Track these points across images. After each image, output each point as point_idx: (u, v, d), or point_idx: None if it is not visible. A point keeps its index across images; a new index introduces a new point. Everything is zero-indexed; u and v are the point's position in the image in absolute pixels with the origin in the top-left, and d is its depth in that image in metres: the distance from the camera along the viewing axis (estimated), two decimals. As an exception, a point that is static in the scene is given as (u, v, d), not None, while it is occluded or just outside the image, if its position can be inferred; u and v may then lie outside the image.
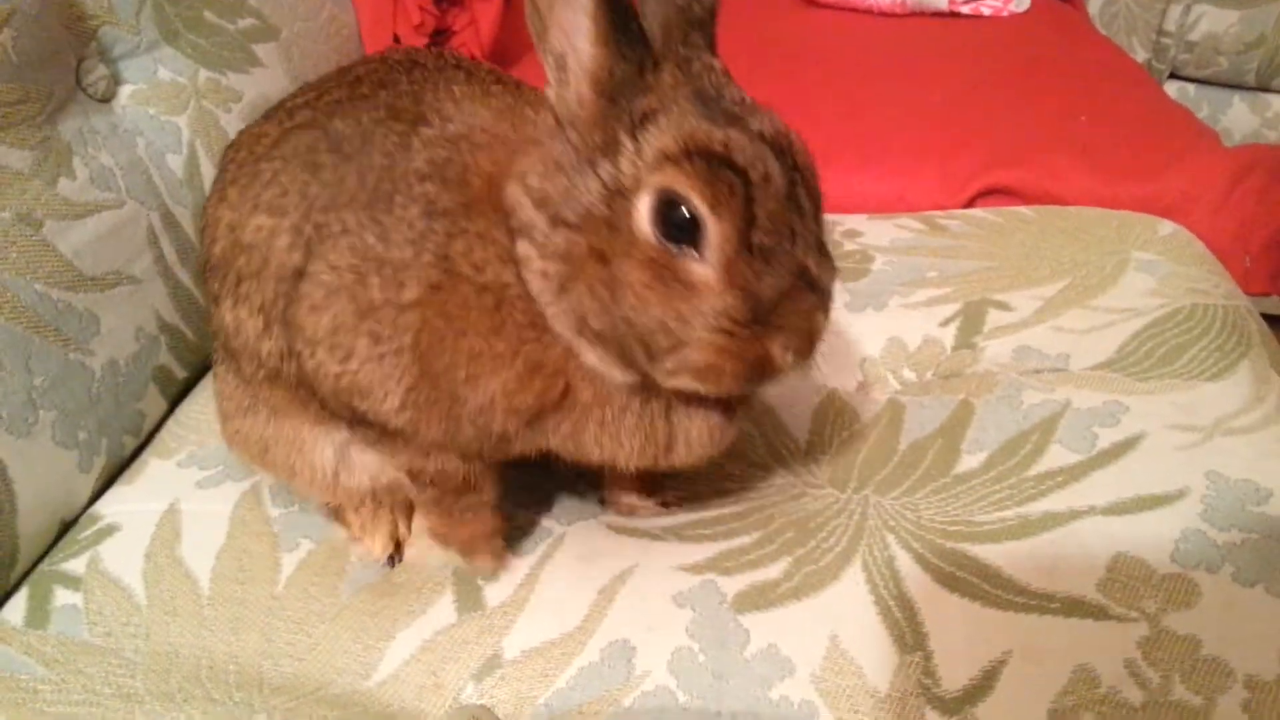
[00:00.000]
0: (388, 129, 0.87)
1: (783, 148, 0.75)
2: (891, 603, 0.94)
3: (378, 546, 1.02)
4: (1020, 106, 1.78)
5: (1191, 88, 2.68)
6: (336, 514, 1.05)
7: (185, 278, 1.28)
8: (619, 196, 0.74)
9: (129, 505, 1.11)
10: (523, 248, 0.79)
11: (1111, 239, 1.40)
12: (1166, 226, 1.44)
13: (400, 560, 1.03)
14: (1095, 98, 1.80)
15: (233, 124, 1.38)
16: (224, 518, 1.07)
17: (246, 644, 0.96)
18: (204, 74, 1.37)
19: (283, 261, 0.87)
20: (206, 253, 0.96)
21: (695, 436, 0.90)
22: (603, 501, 1.10)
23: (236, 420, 1.00)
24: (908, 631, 0.92)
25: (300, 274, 0.86)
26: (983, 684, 0.88)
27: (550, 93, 0.77)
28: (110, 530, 1.08)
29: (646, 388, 0.84)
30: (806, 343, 0.77)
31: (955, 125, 1.73)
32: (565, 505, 1.09)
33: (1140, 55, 2.66)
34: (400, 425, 0.86)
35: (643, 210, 0.73)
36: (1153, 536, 0.95)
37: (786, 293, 0.74)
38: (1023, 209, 1.51)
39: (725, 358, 0.75)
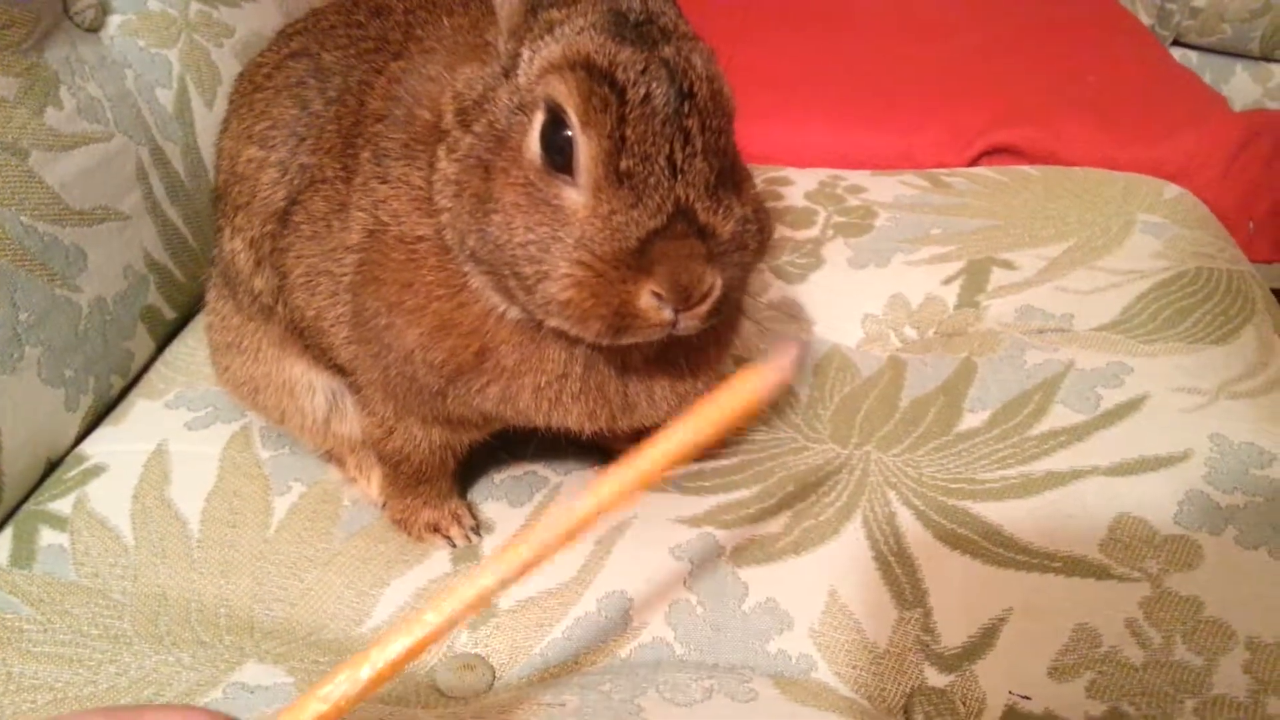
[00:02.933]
0: (367, 64, 0.86)
1: (681, 72, 0.68)
2: (892, 559, 0.93)
3: (374, 489, 1.00)
4: (1027, 66, 1.76)
5: (1194, 55, 2.65)
6: (331, 454, 1.03)
7: (175, 216, 1.25)
8: (519, 112, 0.70)
9: (116, 445, 1.09)
10: (440, 156, 0.75)
11: (1117, 200, 1.38)
12: (1172, 190, 1.42)
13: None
14: (1102, 59, 1.78)
15: (224, 59, 1.34)
16: (214, 459, 1.05)
17: (237, 587, 0.94)
18: (195, 6, 1.33)
19: (267, 198, 0.87)
20: (214, 181, 0.98)
21: (660, 394, 0.85)
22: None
23: (227, 356, 0.99)
24: (908, 588, 0.92)
25: (284, 216, 0.86)
26: (982, 641, 0.87)
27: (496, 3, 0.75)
28: (97, 470, 1.06)
29: (591, 351, 0.79)
30: (680, 292, 0.67)
31: (961, 83, 1.71)
32: (562, 455, 1.07)
33: (1144, 20, 2.62)
34: (346, 360, 0.86)
35: (535, 127, 0.69)
36: (1156, 497, 0.95)
37: (660, 232, 0.67)
38: (1028, 168, 1.50)
39: (584, 294, 0.68)
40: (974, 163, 1.58)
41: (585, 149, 0.67)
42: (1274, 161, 1.51)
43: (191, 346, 1.24)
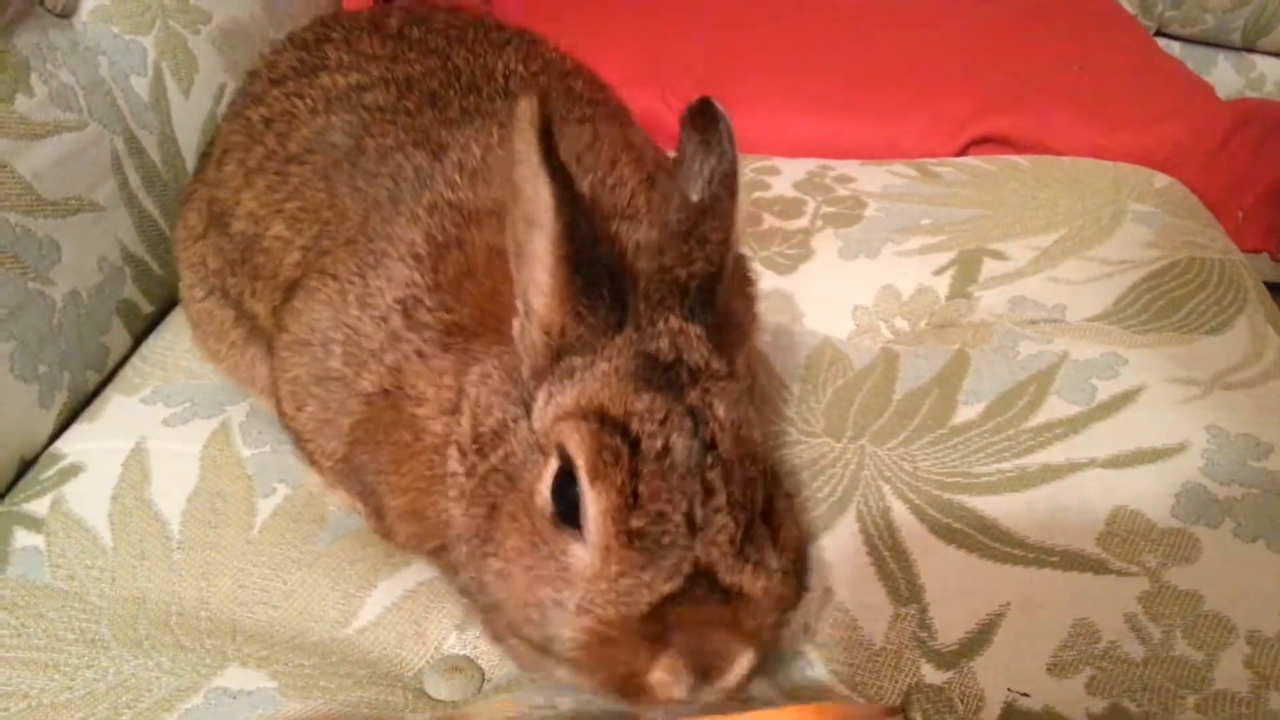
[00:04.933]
0: (406, 158, 0.81)
1: (704, 421, 0.63)
2: (887, 554, 0.92)
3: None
4: (1014, 55, 1.75)
5: (1177, 46, 2.64)
6: (313, 460, 1.00)
7: (151, 207, 1.22)
8: (535, 452, 0.65)
9: (93, 443, 1.06)
10: (452, 461, 0.71)
11: (1107, 190, 1.37)
12: (1162, 179, 1.42)
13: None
14: (1089, 48, 1.77)
15: (201, 47, 1.31)
16: (194, 458, 1.02)
17: (219, 590, 0.92)
18: (170, -8, 1.30)
19: (288, 277, 0.86)
20: (212, 197, 0.97)
21: None
22: None
23: (218, 344, 0.98)
24: (903, 584, 0.90)
25: (293, 288, 0.84)
26: (979, 637, 0.86)
27: (515, 324, 0.69)
28: (74, 470, 1.03)
29: None
30: (700, 667, 0.61)
31: (948, 72, 1.70)
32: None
33: (1127, 9, 2.62)
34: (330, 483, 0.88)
35: (548, 474, 0.64)
36: (1153, 490, 0.94)
37: (677, 597, 0.60)
38: (1016, 158, 1.49)
39: (589, 661, 0.63)
40: (962, 152, 1.57)
41: (594, 504, 0.61)
42: (1262, 150, 1.51)
43: (169, 340, 1.21)
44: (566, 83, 0.99)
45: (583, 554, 0.62)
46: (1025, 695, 0.82)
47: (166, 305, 1.27)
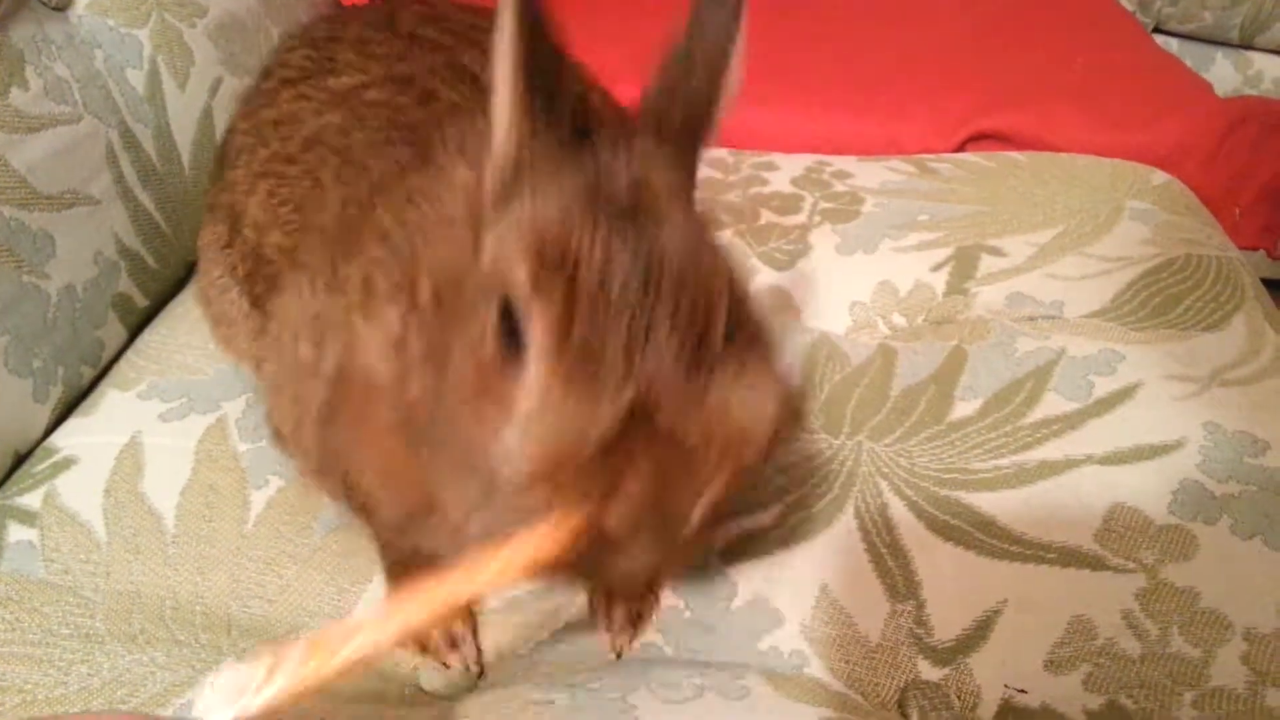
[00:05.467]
0: (387, 155, 0.79)
1: (654, 241, 0.58)
2: (884, 550, 0.92)
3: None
4: (1013, 51, 1.74)
5: (1175, 42, 2.64)
6: (292, 458, 1.00)
7: (147, 200, 1.21)
8: (478, 298, 0.60)
9: (87, 438, 1.06)
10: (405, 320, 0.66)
11: (1105, 187, 1.37)
12: (1159, 176, 1.41)
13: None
14: (1088, 45, 1.76)
15: (198, 40, 1.31)
16: (188, 452, 1.02)
17: (213, 584, 0.92)
18: (167, -14, 1.29)
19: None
20: (232, 200, 0.95)
21: None
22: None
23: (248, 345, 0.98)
24: (900, 580, 0.90)
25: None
26: (976, 634, 0.86)
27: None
28: (68, 463, 1.03)
29: None
30: (645, 511, 0.54)
31: (947, 69, 1.69)
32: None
33: (1125, 6, 2.62)
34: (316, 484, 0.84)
35: (491, 315, 0.58)
36: (1150, 487, 0.94)
37: (621, 424, 0.53)
38: (1015, 154, 1.48)
39: (542, 494, 0.55)
40: (960, 149, 1.57)
41: (536, 323, 0.55)
42: (1260, 147, 1.51)
43: (164, 335, 1.20)
44: None
45: (526, 383, 0.55)
46: (1022, 691, 0.82)
47: (162, 300, 1.27)
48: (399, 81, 0.89)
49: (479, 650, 0.91)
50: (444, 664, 0.89)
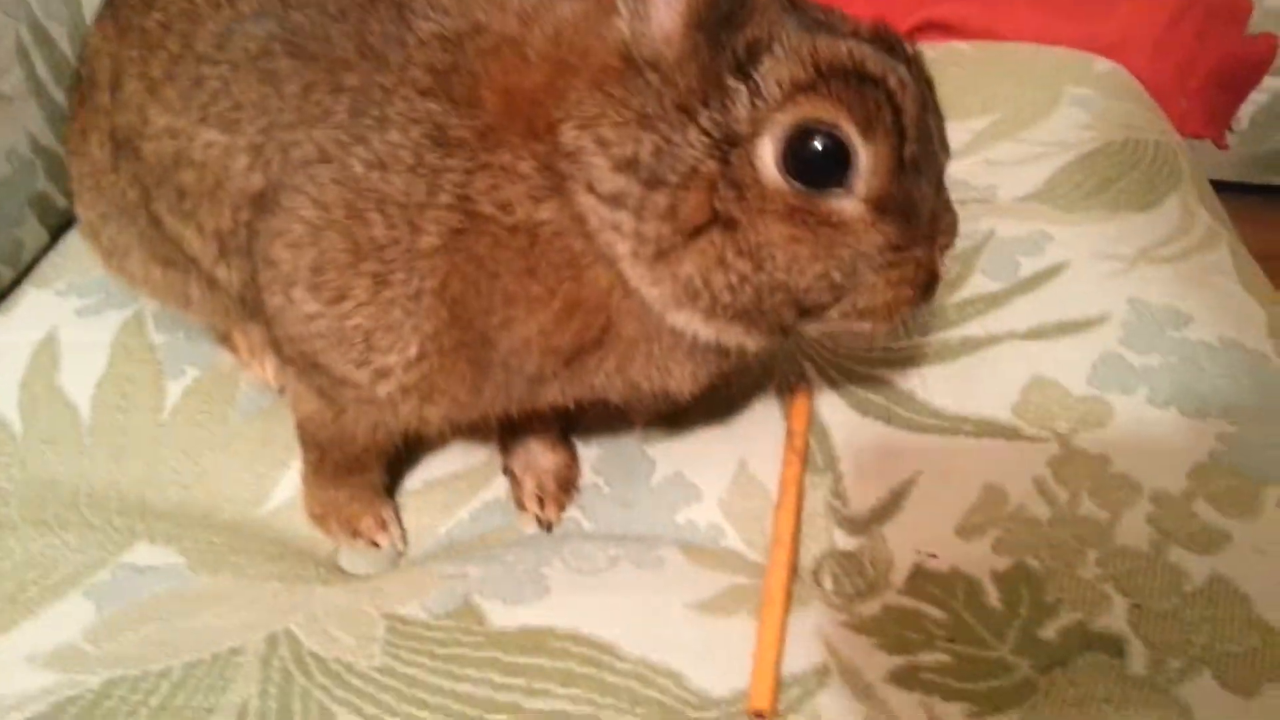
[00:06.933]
0: (368, 15, 0.73)
1: (891, 44, 0.67)
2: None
3: (269, 371, 0.96)
4: (962, -59, 1.70)
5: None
6: (224, 338, 0.99)
7: (62, 98, 1.18)
8: (731, 146, 0.63)
9: (4, 336, 1.04)
10: (602, 211, 0.66)
11: (1047, 75, 1.35)
12: (1103, 64, 1.40)
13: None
14: (1039, -65, 1.72)
15: (112, -68, 1.26)
16: (105, 346, 1.00)
17: (129, 472, 0.91)
18: None
19: (241, 186, 0.75)
20: (114, 125, 0.85)
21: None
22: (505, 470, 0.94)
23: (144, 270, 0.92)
24: (819, 454, 0.90)
25: (263, 200, 0.73)
26: (891, 504, 0.86)
27: (621, 25, 0.65)
28: (-16, 361, 1.01)
29: None
30: (955, 230, 0.70)
31: (894, -40, 1.65)
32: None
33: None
34: (406, 381, 0.73)
35: (766, 156, 0.63)
36: (1071, 360, 0.94)
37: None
38: (960, 44, 1.46)
39: (899, 291, 0.68)
40: (908, 37, 1.53)
41: (870, 155, 0.63)
42: (1206, 33, 1.48)
43: (88, 235, 1.18)
44: None
45: (852, 205, 0.65)
46: (933, 556, 0.83)
47: (85, 201, 1.24)
48: None
49: (404, 530, 0.91)
50: (374, 544, 0.89)
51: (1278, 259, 1.33)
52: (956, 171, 1.16)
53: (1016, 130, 1.24)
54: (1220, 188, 1.27)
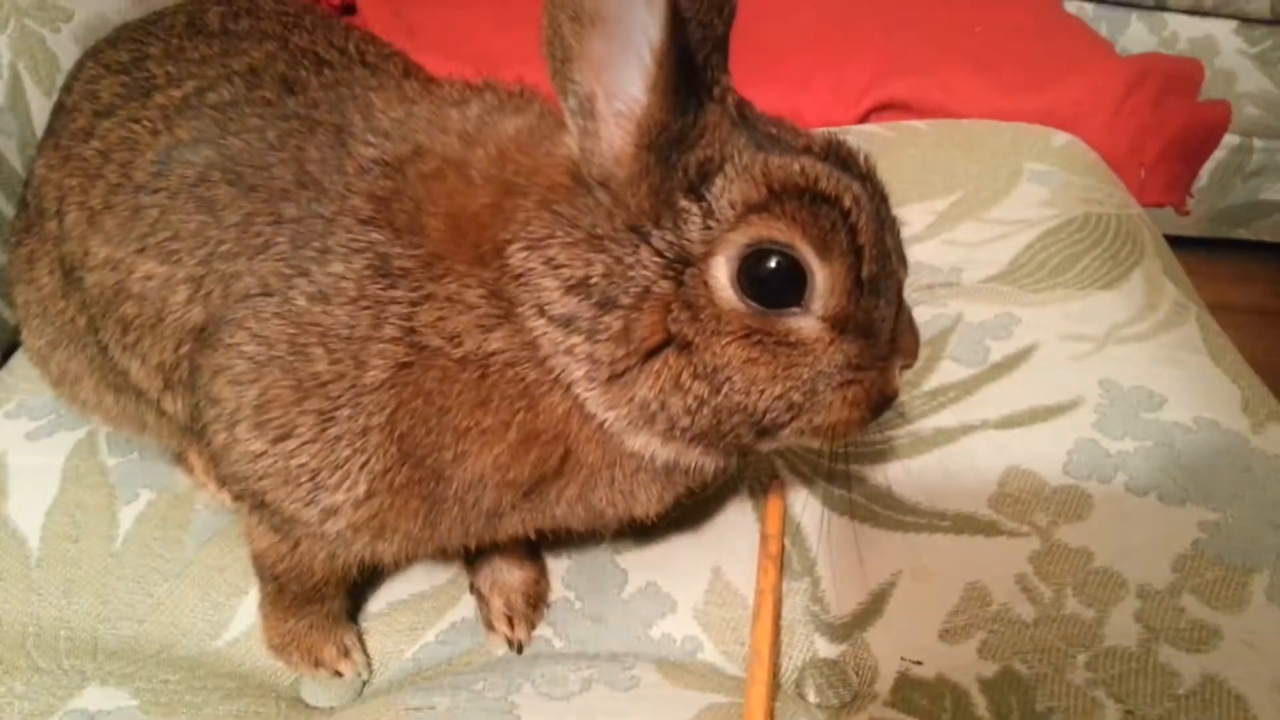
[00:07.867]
0: (306, 142, 0.73)
1: (845, 160, 0.65)
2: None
3: (225, 493, 0.93)
4: (914, 19, 1.72)
5: (1090, 7, 2.65)
6: (179, 458, 0.96)
7: (12, 214, 1.16)
8: (685, 266, 0.62)
9: (-49, 463, 1.01)
10: (554, 335, 0.64)
11: (1005, 151, 1.36)
12: (1060, 137, 1.40)
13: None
14: (989, 9, 1.74)
15: (63, 45, 1.25)
16: (56, 470, 0.97)
17: (80, 607, 0.87)
18: (26, -12, 1.24)
19: (182, 319, 0.74)
20: (62, 253, 0.83)
21: None
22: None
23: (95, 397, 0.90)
24: (795, 557, 0.88)
25: (204, 334, 0.72)
26: (871, 608, 0.84)
27: (570, 143, 0.63)
28: (-71, 490, 0.98)
29: None
30: (915, 351, 0.69)
31: (848, 38, 1.67)
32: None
33: (1038, -26, 2.62)
34: (356, 520, 0.70)
35: (721, 276, 0.62)
36: (1045, 449, 0.92)
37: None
38: (916, 123, 1.47)
39: (856, 408, 0.66)
40: (863, 119, 1.55)
41: (826, 274, 0.62)
42: (1162, 103, 1.50)
43: (39, 352, 1.15)
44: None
45: (810, 323, 0.63)
46: (918, 663, 0.80)
47: (38, 315, 1.21)
48: (243, 76, 0.83)
49: (368, 657, 0.87)
50: (337, 673, 0.85)
51: (1228, 309, 1.33)
52: (921, 254, 1.18)
53: (978, 210, 1.24)
54: (1174, 242, 1.27)
